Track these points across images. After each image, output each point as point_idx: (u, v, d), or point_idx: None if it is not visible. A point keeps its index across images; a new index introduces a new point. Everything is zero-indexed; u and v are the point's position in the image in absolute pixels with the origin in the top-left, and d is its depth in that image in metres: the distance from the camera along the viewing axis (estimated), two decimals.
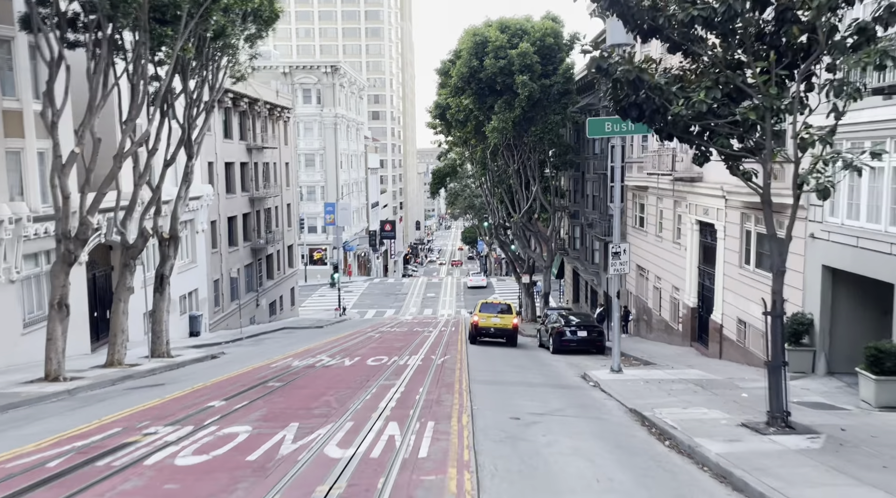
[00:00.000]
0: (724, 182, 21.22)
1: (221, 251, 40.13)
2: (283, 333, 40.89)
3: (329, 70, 76.67)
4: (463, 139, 41.34)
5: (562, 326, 25.75)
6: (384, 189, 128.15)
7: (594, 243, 42.19)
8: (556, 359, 23.90)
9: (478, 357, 23.17)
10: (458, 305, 63.57)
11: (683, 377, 17.31)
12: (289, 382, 16.69)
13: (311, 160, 78.05)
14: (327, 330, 43.62)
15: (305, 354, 23.99)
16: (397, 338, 32.53)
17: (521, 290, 47.19)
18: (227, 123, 41.99)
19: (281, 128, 53.47)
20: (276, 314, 51.79)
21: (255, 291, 46.57)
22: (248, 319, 45.29)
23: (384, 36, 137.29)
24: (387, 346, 27.49)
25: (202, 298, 36.99)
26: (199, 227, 36.27)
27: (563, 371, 20.08)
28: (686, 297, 25.52)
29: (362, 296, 69.45)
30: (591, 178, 41.39)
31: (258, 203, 46.95)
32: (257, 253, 46.91)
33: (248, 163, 45.36)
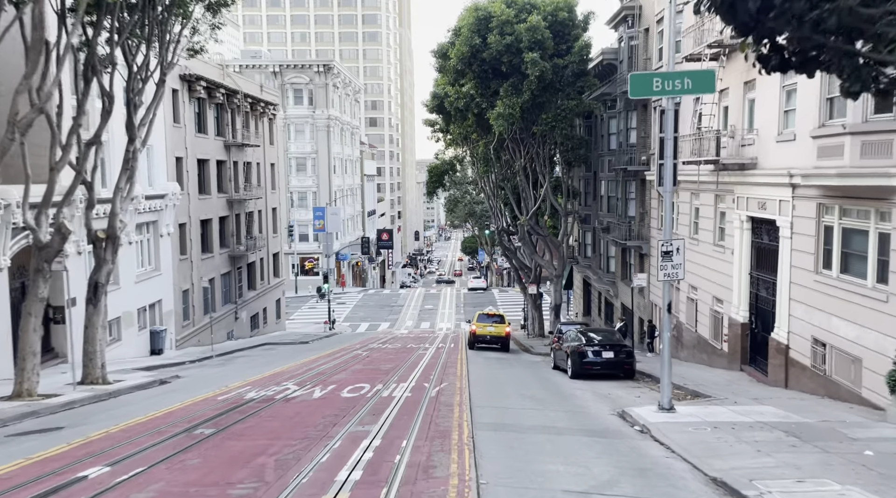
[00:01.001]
0: (793, 166, 16.87)
1: (192, 258, 35.74)
2: (262, 350, 36.44)
3: (322, 69, 72.57)
4: (463, 135, 37.04)
5: (582, 345, 21.31)
6: (381, 197, 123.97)
7: (609, 249, 37.80)
8: (578, 386, 19.46)
9: (482, 384, 18.73)
10: (458, 318, 59.08)
11: (761, 419, 12.86)
12: (224, 427, 12.24)
13: (303, 164, 73.82)
14: (312, 346, 39.19)
15: (270, 381, 19.54)
16: (387, 357, 28.08)
17: (527, 301, 42.76)
18: (200, 116, 37.71)
19: (265, 125, 49.22)
20: (259, 328, 47.32)
21: (234, 302, 42.13)
22: (226, 334, 40.84)
23: (382, 40, 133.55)
24: (372, 368, 23.03)
25: (167, 310, 32.55)
26: (163, 229, 31.90)
27: (591, 406, 15.64)
28: (733, 310, 21.11)
29: (355, 308, 64.98)
30: (606, 177, 37.07)
31: (238, 206, 42.60)
32: (236, 261, 42.51)
33: (225, 161, 41.05)
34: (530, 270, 42.11)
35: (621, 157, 32.89)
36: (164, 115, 32.23)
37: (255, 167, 46.93)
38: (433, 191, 40.32)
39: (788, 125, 17.75)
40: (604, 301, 40.34)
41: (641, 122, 31.37)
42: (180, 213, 34.23)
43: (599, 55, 34.59)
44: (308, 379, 19.81)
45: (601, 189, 38.55)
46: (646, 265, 30.98)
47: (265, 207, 48.97)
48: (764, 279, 19.49)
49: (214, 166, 39.29)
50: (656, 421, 12.85)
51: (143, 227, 30.48)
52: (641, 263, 31.95)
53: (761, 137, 19.12)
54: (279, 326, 52.31)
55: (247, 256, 44.02)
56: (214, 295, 39.14)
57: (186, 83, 34.96)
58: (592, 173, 41.55)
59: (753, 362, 20.17)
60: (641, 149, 31.00)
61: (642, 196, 31.73)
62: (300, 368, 23.55)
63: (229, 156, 41.38)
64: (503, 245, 42.38)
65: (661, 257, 13.71)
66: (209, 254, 38.50)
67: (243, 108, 43.35)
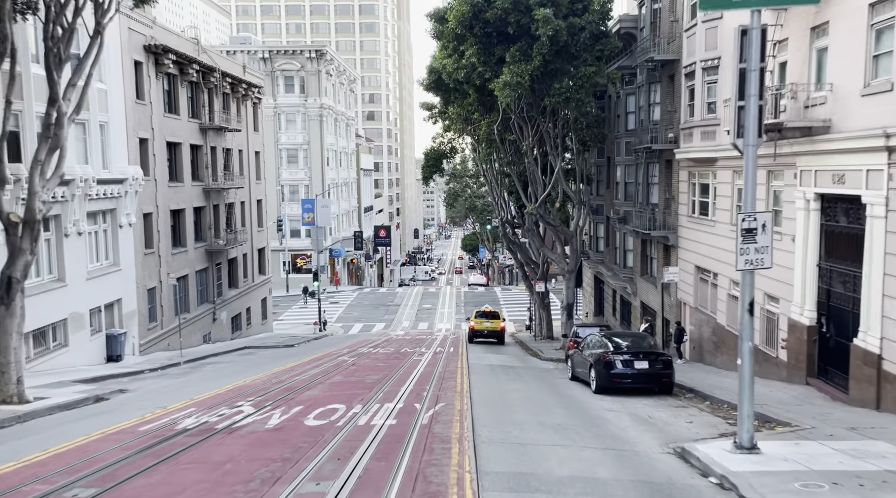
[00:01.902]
0: (889, 124, 13.01)
1: (160, 252, 31.89)
2: (239, 355, 32.62)
3: (314, 55, 68.67)
4: (463, 117, 33.14)
5: (610, 353, 17.47)
6: (379, 193, 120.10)
7: (626, 242, 33.97)
8: (607, 404, 15.66)
9: (488, 404, 14.92)
10: (459, 318, 55.22)
11: (889, 467, 9.01)
12: (112, 486, 8.39)
13: (294, 156, 69.94)
14: (297, 350, 35.40)
15: (224, 399, 15.71)
16: (376, 365, 24.25)
17: (534, 300, 38.91)
18: (171, 95, 33.85)
19: (249, 110, 45.36)
20: (242, 330, 43.48)
21: (212, 302, 38.29)
22: (202, 337, 37.02)
23: (380, 32, 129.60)
24: (355, 381, 19.19)
25: (128, 311, 28.71)
26: (123, 219, 28.06)
27: (635, 438, 11.80)
28: (794, 310, 17.26)
29: (349, 308, 61.14)
30: (623, 162, 33.22)
31: (216, 196, 38.75)
32: (215, 256, 38.67)
33: (201, 146, 37.20)
34: (537, 266, 38.25)
35: (643, 137, 29.03)
36: (124, 89, 28.41)
37: (237, 155, 43.08)
38: (430, 176, 36.43)
39: (880, 73, 13.89)
40: (619, 300, 36.51)
41: (667, 95, 27.52)
42: (145, 202, 30.40)
43: (616, 23, 30.74)
44: (271, 397, 15.97)
45: (616, 175, 34.70)
46: (672, 258, 27.13)
47: (249, 199, 45.13)
48: (839, 271, 15.64)
49: (188, 151, 35.44)
50: (740, 469, 9.01)
51: (97, 215, 26.65)
52: (667, 255, 28.10)
53: (837, 94, 15.26)
54: (265, 327, 48.47)
55: (227, 251, 40.18)
56: (188, 293, 35.33)
57: (152, 56, 31.09)
58: (606, 159, 37.71)
59: (824, 375, 16.31)
60: (668, 125, 27.15)
61: (668, 179, 27.89)
62: (269, 380, 19.71)
63: (206, 140, 37.53)
64: (507, 239, 38.49)
65: (741, 237, 9.90)
66: (181, 248, 34.65)
67: (222, 89, 39.49)
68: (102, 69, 26.44)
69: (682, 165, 25.50)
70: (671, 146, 26.29)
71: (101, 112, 26.15)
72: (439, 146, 34.95)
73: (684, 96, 24.63)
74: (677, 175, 26.34)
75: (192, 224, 35.93)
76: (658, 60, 26.63)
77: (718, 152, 21.87)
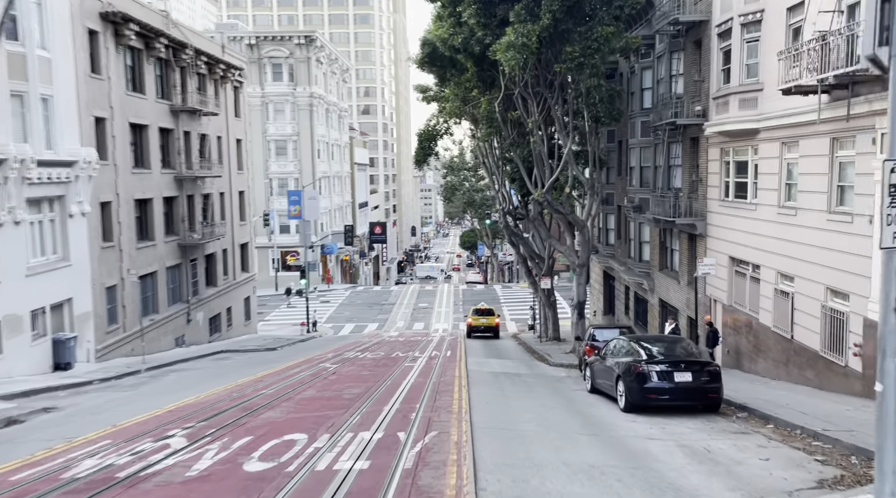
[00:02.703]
0: None
1: (122, 246, 28.46)
2: (211, 361, 29.27)
3: (303, 41, 65.19)
4: (461, 97, 29.72)
5: (642, 362, 14.10)
6: (375, 189, 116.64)
7: (642, 232, 30.62)
8: (644, 428, 12.32)
9: (494, 430, 11.56)
10: (457, 318, 51.82)
11: None
12: None
13: (283, 148, 66.46)
14: (279, 354, 32.08)
15: (157, 425, 12.32)
16: (360, 374, 20.88)
17: (540, 298, 35.53)
18: (135, 71, 30.42)
19: (229, 93, 41.93)
20: (222, 332, 40.07)
21: (185, 301, 34.88)
22: (174, 341, 33.62)
23: (375, 23, 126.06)
24: (330, 397, 15.80)
25: (81, 312, 25.31)
26: (74, 208, 24.67)
27: (702, 491, 8.39)
28: (870, 307, 13.90)
29: (341, 307, 57.73)
30: (639, 144, 29.87)
31: (190, 185, 35.33)
32: (189, 251, 35.25)
33: (173, 130, 33.77)
34: (542, 261, 34.87)
35: (663, 113, 25.63)
36: (75, 60, 25.00)
37: (215, 141, 39.64)
38: (423, 160, 32.98)
39: None
40: (633, 297, 33.14)
41: (692, 63, 24.14)
42: (103, 189, 26.99)
43: None
44: (218, 421, 12.57)
45: (630, 160, 31.34)
46: (699, 249, 23.77)
47: (229, 190, 41.70)
48: None
49: (157, 135, 32.01)
50: None
51: (41, 203, 23.26)
52: (692, 246, 24.76)
53: None
54: (249, 328, 45.07)
55: (203, 245, 36.77)
56: (157, 292, 31.93)
57: (111, 25, 27.65)
58: (617, 144, 34.35)
59: None
60: (693, 97, 23.77)
61: (693, 160, 24.52)
62: (228, 395, 16.32)
63: (178, 124, 34.10)
64: (509, 231, 35.08)
65: (888, 197, 6.56)
66: (149, 242, 31.24)
67: (197, 69, 36.05)
68: (44, 34, 23.06)
69: (713, 142, 22.13)
70: (699, 121, 22.92)
71: (42, 84, 22.72)
72: (434, 126, 31.49)
73: (716, 61, 21.24)
74: (706, 154, 22.97)
75: (161, 216, 32.50)
76: (684, 23, 23.26)
77: (762, 121, 18.50)
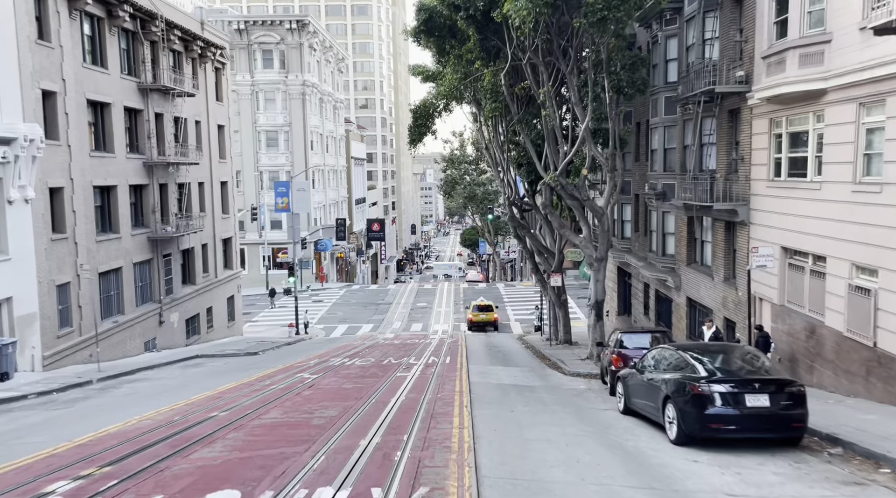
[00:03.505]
0: None
1: (77, 238, 25.10)
2: (180, 369, 25.92)
3: (294, 26, 61.77)
4: (463, 73, 26.29)
5: (700, 381, 10.72)
6: (373, 185, 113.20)
7: (666, 223, 27.23)
8: (711, 473, 9.00)
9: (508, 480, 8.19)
10: (458, 319, 48.43)
11: None
12: None
13: (274, 139, 63.07)
14: (259, 360, 28.83)
15: (29, 477, 8.93)
16: (341, 388, 17.50)
17: (549, 297, 32.12)
18: (95, 42, 27.05)
19: (209, 75, 38.55)
20: (201, 334, 36.70)
21: (157, 301, 31.50)
22: (143, 344, 30.26)
23: (373, 14, 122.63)
24: (294, 423, 12.40)
25: (25, 313, 21.96)
26: (14, 193, 21.33)
27: None
28: None
29: (334, 307, 54.33)
30: (662, 123, 26.48)
31: (162, 173, 31.94)
32: (162, 246, 31.89)
33: (142, 111, 30.39)
34: (552, 256, 31.47)
35: (695, 84, 22.19)
36: (15, 24, 21.63)
37: (193, 126, 36.28)
38: (418, 139, 29.46)
39: None
40: (653, 295, 29.74)
41: (731, 23, 20.72)
42: (53, 173, 23.63)
43: None
44: (128, 466, 9.19)
45: (652, 142, 27.95)
46: (740, 238, 20.37)
47: (210, 179, 38.33)
48: None
49: (122, 115, 28.64)
50: None
51: None
52: (730, 236, 21.37)
53: None
54: (233, 330, 41.69)
55: (178, 240, 33.40)
56: (122, 291, 28.57)
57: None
58: (635, 126, 30.96)
59: None
60: (732, 62, 20.36)
61: (731, 136, 21.12)
62: (167, 419, 12.94)
63: (148, 104, 30.72)
64: (514, 223, 31.64)
65: None
66: (112, 234, 27.88)
67: (170, 44, 32.66)
68: None
69: (759, 112, 18.72)
70: (741, 88, 19.50)
71: None
72: (431, 101, 28.01)
73: (767, 13, 17.81)
74: (749, 127, 19.55)
75: (127, 205, 29.14)
76: None
77: (831, 79, 15.09)
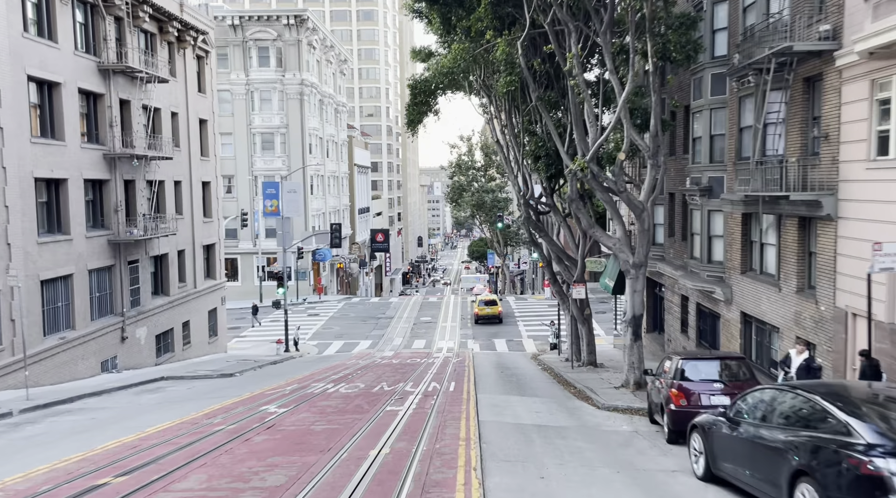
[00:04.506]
0: None
1: (9, 238, 21.01)
2: (134, 395, 21.74)
3: (293, 22, 58.04)
4: (470, 54, 22.16)
5: (865, 452, 6.39)
6: (378, 195, 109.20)
7: (712, 224, 22.92)
8: None
9: None
10: (465, 335, 44.05)
11: None
12: None
13: (270, 141, 59.16)
14: (235, 382, 24.79)
15: None
16: (308, 431, 13.24)
17: (568, 311, 27.76)
18: (41, 10, 23.14)
19: (190, 63, 34.62)
20: (175, 352, 32.52)
21: (119, 314, 27.37)
22: (100, 364, 26.11)
23: (379, 20, 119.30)
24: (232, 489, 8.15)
25: None
26: None
27: None
28: None
29: (331, 321, 50.07)
30: (708, 105, 22.29)
31: (128, 168, 27.91)
32: (126, 251, 27.81)
33: (103, 95, 26.44)
34: (573, 264, 27.18)
35: (755, 51, 17.95)
36: None
37: (169, 118, 32.31)
38: (417, 120, 25.20)
39: None
40: (694, 310, 25.34)
41: None
42: None
43: None
44: None
45: (695, 129, 23.74)
46: (820, 237, 16.05)
47: (189, 178, 34.31)
48: None
49: (76, 98, 24.67)
50: None
51: None
52: (804, 235, 17.06)
53: None
54: (215, 346, 37.51)
55: (146, 244, 29.32)
56: (73, 302, 24.45)
57: None
58: (670, 115, 26.72)
59: None
60: (811, 17, 16.13)
61: (809, 109, 16.85)
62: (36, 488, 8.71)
63: (111, 88, 26.76)
64: (531, 224, 27.39)
65: None
66: (60, 235, 23.82)
67: (140, 23, 28.76)
68: None
69: (854, 74, 14.46)
70: (827, 45, 15.27)
71: None
72: (433, 76, 23.80)
73: None
74: (837, 95, 15.28)
75: (81, 203, 25.11)
76: None
77: None
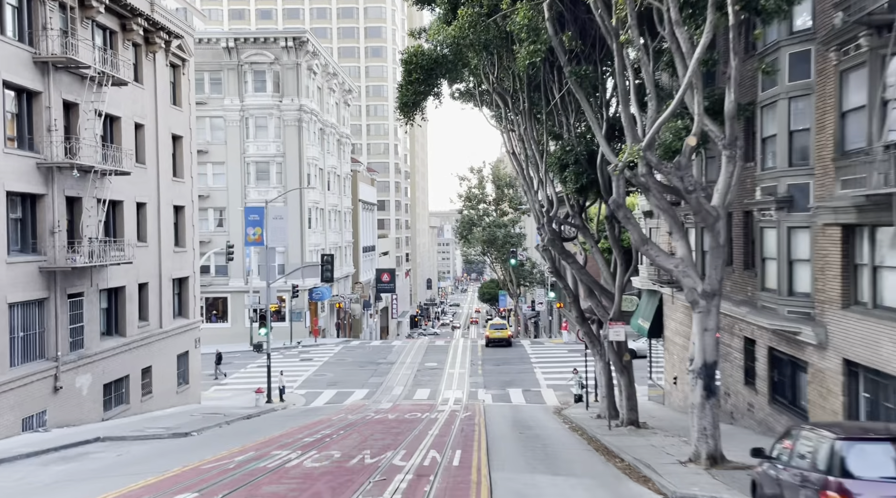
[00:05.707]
0: None
1: None
2: (38, 467, 16.62)
3: (291, 44, 54.22)
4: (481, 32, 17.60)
5: None
6: (384, 234, 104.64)
7: (793, 245, 17.81)
8: None
9: None
10: (475, 383, 38.66)
11: None
12: None
13: (265, 171, 54.78)
14: (186, 446, 19.69)
15: None
16: None
17: (604, 357, 22.48)
18: None
19: (161, 69, 30.28)
20: (131, 404, 27.40)
21: (52, 358, 22.35)
22: (21, 421, 21.00)
23: (387, 56, 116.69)
24: None
25: None
26: None
27: None
28: None
29: (325, 366, 44.78)
30: (786, 95, 17.47)
31: (72, 182, 23.23)
32: (64, 281, 22.94)
33: (40, 93, 21.95)
34: (609, 298, 22.04)
35: (867, 3, 13.13)
36: None
37: (132, 129, 27.83)
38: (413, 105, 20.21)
39: None
40: (765, 357, 19.99)
41: None
42: None
43: None
44: None
45: (766, 127, 18.86)
46: None
47: (156, 200, 29.65)
48: None
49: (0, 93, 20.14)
50: None
51: None
52: None
53: None
54: (186, 396, 32.29)
55: (93, 274, 24.47)
56: None
57: None
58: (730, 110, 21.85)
59: None
60: None
61: None
62: None
63: (50, 86, 22.29)
64: (556, 249, 22.42)
65: None
66: None
67: (92, 15, 24.45)
68: None
69: None
70: None
71: None
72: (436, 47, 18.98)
73: None
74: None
75: (2, 220, 20.36)
76: None
77: None
